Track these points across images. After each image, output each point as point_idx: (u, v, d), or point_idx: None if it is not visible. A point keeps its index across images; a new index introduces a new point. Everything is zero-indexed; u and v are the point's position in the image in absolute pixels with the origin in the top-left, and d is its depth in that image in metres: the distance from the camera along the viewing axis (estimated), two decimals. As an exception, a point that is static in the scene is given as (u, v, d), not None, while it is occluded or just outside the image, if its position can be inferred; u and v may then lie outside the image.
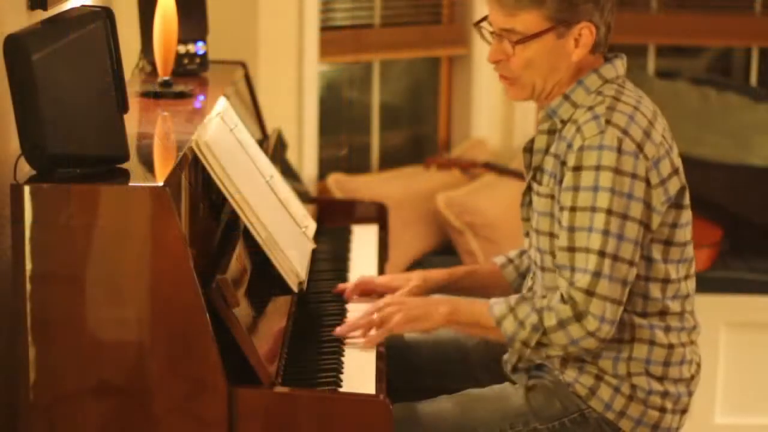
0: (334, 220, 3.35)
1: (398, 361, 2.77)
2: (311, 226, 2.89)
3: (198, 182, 2.51)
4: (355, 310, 2.73)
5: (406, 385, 2.76)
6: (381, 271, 3.06)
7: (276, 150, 3.21)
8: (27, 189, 2.19)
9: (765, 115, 4.54)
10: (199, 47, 3.23)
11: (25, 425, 2.26)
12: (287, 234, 2.66)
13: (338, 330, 2.58)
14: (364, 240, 3.24)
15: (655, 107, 2.56)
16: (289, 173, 3.55)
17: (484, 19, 2.56)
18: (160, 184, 2.20)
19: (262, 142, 3.16)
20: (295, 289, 2.59)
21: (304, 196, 3.26)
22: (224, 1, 3.85)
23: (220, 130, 2.57)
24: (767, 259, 4.35)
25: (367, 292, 2.81)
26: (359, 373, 2.44)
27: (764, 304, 4.26)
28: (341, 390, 2.37)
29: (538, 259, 2.58)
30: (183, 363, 2.23)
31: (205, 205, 2.56)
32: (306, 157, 4.29)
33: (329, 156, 4.54)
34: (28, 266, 2.21)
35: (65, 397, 2.25)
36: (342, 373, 2.44)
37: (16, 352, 2.24)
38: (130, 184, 2.25)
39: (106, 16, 2.29)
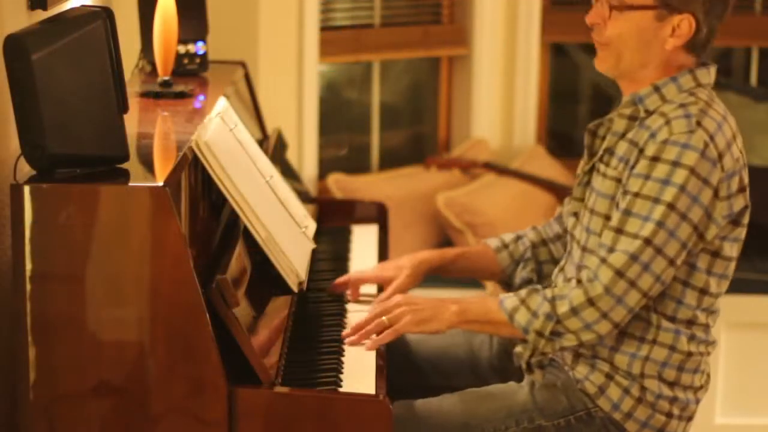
0: (334, 220, 3.35)
1: (400, 359, 2.77)
2: (311, 226, 2.89)
3: (198, 182, 2.51)
4: (356, 311, 2.73)
5: (409, 384, 2.76)
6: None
7: (276, 150, 3.21)
8: (27, 189, 2.19)
9: (765, 115, 4.54)
10: (199, 47, 3.23)
11: (25, 425, 2.26)
12: (287, 234, 2.66)
13: (348, 338, 2.55)
14: (364, 240, 3.24)
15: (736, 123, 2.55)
16: (289, 173, 3.55)
17: None
18: (160, 184, 2.20)
19: (262, 142, 3.16)
20: (295, 289, 2.59)
21: (304, 196, 3.26)
22: (224, 1, 3.85)
23: (220, 130, 2.57)
24: (767, 259, 4.35)
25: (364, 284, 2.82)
26: (359, 373, 2.44)
27: (764, 304, 4.26)
28: (341, 390, 2.37)
29: (583, 239, 2.56)
30: (183, 363, 2.23)
31: (205, 205, 2.56)
32: (306, 157, 4.29)
33: (329, 156, 4.54)
34: (28, 266, 2.21)
35: (65, 397, 2.25)
36: (342, 373, 2.44)
37: (16, 352, 2.24)
38: (130, 184, 2.25)
39: (106, 16, 2.29)
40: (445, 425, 2.54)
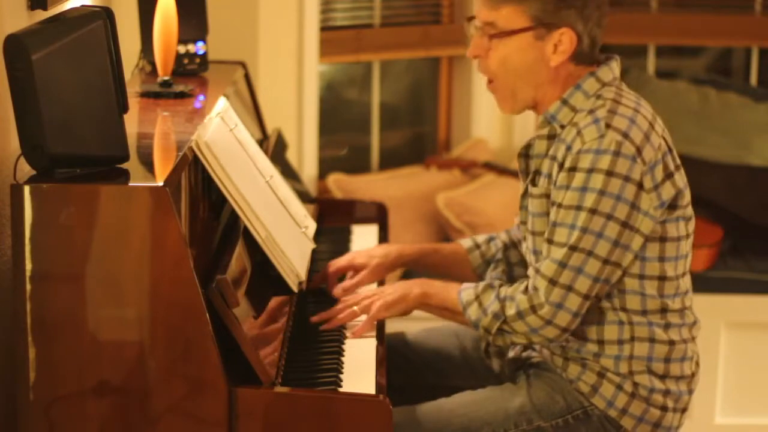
0: (334, 220, 3.35)
1: (398, 359, 2.78)
2: (311, 226, 2.89)
3: (198, 182, 2.51)
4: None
5: (406, 384, 2.77)
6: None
7: (276, 150, 3.21)
8: (27, 189, 2.20)
9: (765, 115, 4.54)
10: (199, 47, 3.23)
11: (25, 425, 2.27)
12: (287, 234, 2.66)
13: (323, 326, 2.63)
14: (364, 240, 3.24)
15: (652, 108, 2.57)
16: (289, 173, 3.55)
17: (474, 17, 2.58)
18: (160, 184, 2.20)
19: (262, 142, 3.16)
20: (295, 289, 2.59)
21: (304, 196, 3.26)
22: (224, 1, 3.85)
23: (220, 130, 2.57)
24: (767, 259, 4.35)
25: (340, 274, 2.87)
26: (359, 373, 2.45)
27: (764, 304, 4.26)
28: (341, 390, 2.37)
29: (533, 261, 2.58)
30: (183, 363, 2.23)
31: (205, 205, 2.56)
32: (306, 157, 4.29)
33: (329, 156, 4.54)
34: (28, 266, 2.21)
35: (65, 397, 2.25)
36: (342, 373, 2.44)
37: (16, 352, 2.24)
38: (130, 184, 2.25)
39: (106, 16, 2.29)
40: (443, 430, 2.54)
